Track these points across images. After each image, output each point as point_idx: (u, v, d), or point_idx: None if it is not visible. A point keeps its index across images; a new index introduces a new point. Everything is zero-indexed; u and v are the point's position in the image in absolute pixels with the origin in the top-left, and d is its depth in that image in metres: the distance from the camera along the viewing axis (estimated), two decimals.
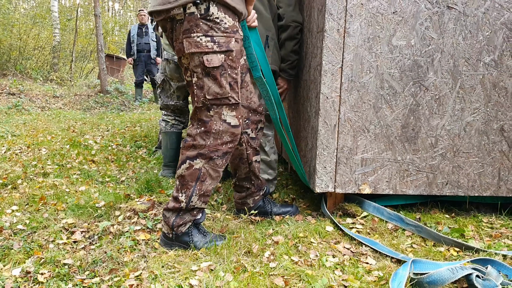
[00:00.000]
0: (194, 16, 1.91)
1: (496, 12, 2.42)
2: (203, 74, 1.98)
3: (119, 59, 13.46)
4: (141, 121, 7.14)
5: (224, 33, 1.94)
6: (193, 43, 1.93)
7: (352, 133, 2.48)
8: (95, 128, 6.22)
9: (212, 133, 2.02)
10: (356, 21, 2.37)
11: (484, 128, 2.52)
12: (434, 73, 2.45)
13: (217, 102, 2.01)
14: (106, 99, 10.10)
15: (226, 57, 1.96)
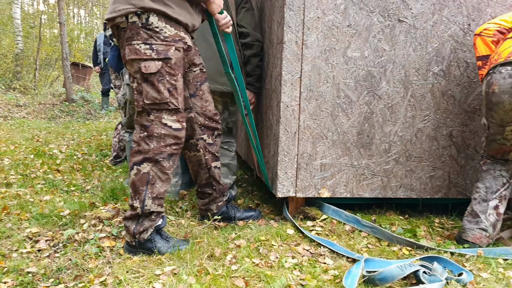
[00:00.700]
0: (136, 25, 2.02)
1: (444, 25, 2.59)
2: (142, 80, 2.07)
3: (85, 67, 13.29)
4: (107, 129, 7.10)
5: (164, 42, 2.03)
6: (133, 50, 2.04)
7: (311, 139, 2.58)
8: (60, 138, 6.16)
9: (155, 137, 2.09)
10: (313, 34, 2.49)
11: (434, 134, 2.67)
12: (386, 83, 2.59)
13: (156, 107, 2.09)
14: (72, 107, 9.97)
15: (164, 64, 2.04)
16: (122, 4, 2.03)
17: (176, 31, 2.08)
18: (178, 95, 2.12)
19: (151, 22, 2.01)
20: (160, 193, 2.14)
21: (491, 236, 2.30)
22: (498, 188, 2.33)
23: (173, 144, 2.14)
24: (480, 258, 2.14)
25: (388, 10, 2.51)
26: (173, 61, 2.07)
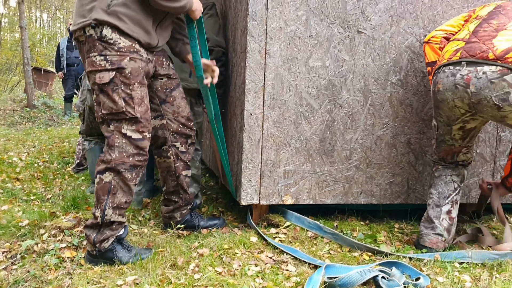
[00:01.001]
0: (92, 38, 2.05)
1: (401, 37, 2.67)
2: (98, 91, 2.09)
3: (47, 72, 12.98)
4: (70, 136, 6.94)
5: (118, 52, 2.05)
6: (90, 62, 2.08)
7: (275, 147, 2.62)
8: (21, 145, 5.98)
9: (116, 147, 2.10)
10: (276, 44, 2.53)
11: (393, 141, 2.75)
12: (347, 92, 2.65)
13: (114, 117, 2.10)
14: (33, 114, 9.71)
15: (118, 74, 2.06)
16: (80, 18, 2.08)
17: (131, 43, 2.10)
18: (135, 104, 2.11)
19: (104, 34, 2.04)
20: (121, 204, 2.13)
21: (447, 240, 2.38)
22: (450, 193, 2.42)
23: (136, 155, 2.13)
24: (437, 262, 2.22)
25: (347, 22, 2.58)
26: (127, 71, 2.07)
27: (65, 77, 9.23)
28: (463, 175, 2.46)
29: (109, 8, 2.02)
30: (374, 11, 2.60)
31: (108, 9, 2.02)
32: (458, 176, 2.44)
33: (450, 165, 2.46)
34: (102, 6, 2.02)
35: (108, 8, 2.02)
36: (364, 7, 2.58)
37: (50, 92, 12.70)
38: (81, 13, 2.08)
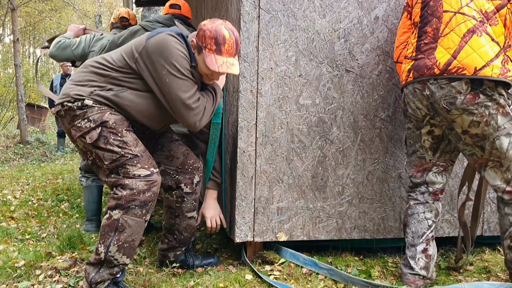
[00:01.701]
0: (72, 109, 2.20)
1: (388, 75, 2.78)
2: (94, 148, 2.20)
3: (40, 108, 13.07)
4: (63, 172, 6.96)
5: (99, 111, 2.20)
6: (76, 129, 2.21)
7: (268, 183, 2.67)
8: (15, 182, 5.99)
9: (127, 185, 2.14)
10: (267, 83, 2.62)
11: (384, 176, 2.82)
12: (337, 128, 2.73)
13: (117, 163, 2.17)
14: (27, 150, 9.72)
15: (104, 127, 2.18)
16: (62, 95, 2.24)
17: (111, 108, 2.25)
18: (131, 146, 2.19)
19: (85, 104, 2.19)
20: (127, 242, 2.13)
21: (426, 277, 2.41)
22: (424, 231, 2.44)
23: (146, 191, 2.15)
24: None
25: (336, 61, 2.68)
26: (111, 122, 2.19)
27: None
28: (436, 210, 2.47)
29: (91, 94, 2.20)
30: (361, 50, 2.71)
31: (89, 94, 2.20)
32: (431, 212, 2.46)
33: (419, 198, 2.48)
34: (85, 90, 2.21)
35: (89, 94, 2.20)
36: (351, 47, 2.69)
37: (43, 127, 12.75)
38: (64, 91, 2.24)
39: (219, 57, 2.14)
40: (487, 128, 2.19)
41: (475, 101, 2.17)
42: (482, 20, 2.20)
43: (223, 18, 3.05)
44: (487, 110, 2.17)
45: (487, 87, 2.15)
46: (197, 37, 2.18)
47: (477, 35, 2.17)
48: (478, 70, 2.13)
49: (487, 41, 2.16)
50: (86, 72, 2.27)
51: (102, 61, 2.26)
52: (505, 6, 2.20)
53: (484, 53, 2.14)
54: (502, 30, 2.20)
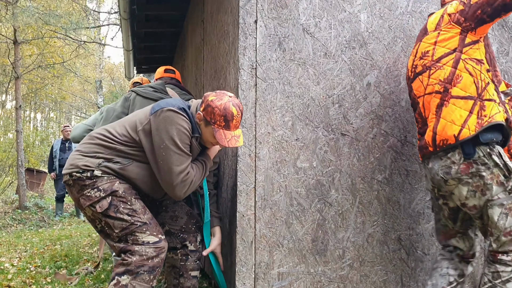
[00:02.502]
0: (81, 179, 2.28)
1: (383, 138, 2.85)
2: (104, 217, 2.26)
3: (39, 173, 13.11)
4: (61, 238, 6.88)
5: (108, 181, 2.27)
6: (86, 198, 2.28)
7: (268, 248, 2.66)
8: (12, 249, 5.91)
9: (136, 251, 2.20)
10: (265, 147, 2.68)
11: (384, 239, 2.81)
12: (335, 191, 2.76)
13: (127, 231, 2.24)
14: (25, 215, 9.66)
15: (114, 196, 2.25)
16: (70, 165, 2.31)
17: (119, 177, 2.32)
18: (140, 214, 2.27)
19: (95, 174, 2.26)
20: None
21: None
22: (443, 286, 2.40)
23: (155, 257, 2.22)
24: None
25: (331, 125, 2.76)
26: (120, 191, 2.26)
27: (57, 177, 9.35)
28: (461, 270, 2.44)
29: (99, 166, 2.27)
30: (355, 115, 2.80)
31: (97, 166, 2.27)
32: (455, 270, 2.43)
33: (446, 255, 2.49)
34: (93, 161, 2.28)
35: (98, 166, 2.27)
36: (345, 112, 2.78)
37: (42, 192, 12.72)
38: (72, 162, 2.31)
39: (228, 132, 2.29)
40: (483, 197, 2.23)
41: (469, 171, 2.23)
42: (445, 88, 2.32)
43: (221, 85, 3.17)
44: (482, 180, 2.21)
45: (479, 155, 2.21)
46: (205, 112, 2.30)
47: (445, 106, 2.30)
48: (457, 136, 2.23)
49: (456, 106, 2.27)
50: (92, 144, 2.33)
51: (107, 133, 2.34)
52: (459, 60, 2.30)
53: (456, 118, 2.25)
54: (470, 80, 2.28)
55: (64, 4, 12.49)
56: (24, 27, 11.09)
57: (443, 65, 2.32)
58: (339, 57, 2.76)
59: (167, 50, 7.16)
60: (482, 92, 2.26)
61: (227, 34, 3.02)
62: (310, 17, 2.73)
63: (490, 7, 2.21)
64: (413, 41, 2.85)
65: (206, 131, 2.33)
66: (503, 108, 2.29)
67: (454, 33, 2.31)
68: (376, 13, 2.81)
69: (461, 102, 2.26)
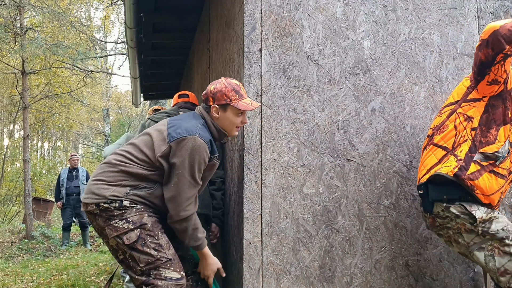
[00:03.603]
0: (108, 209, 2.27)
1: (389, 163, 2.84)
2: (130, 250, 2.26)
3: (46, 202, 13.10)
4: (68, 267, 6.81)
5: (137, 213, 2.28)
6: (113, 228, 2.27)
7: (275, 276, 2.63)
8: (19, 280, 5.85)
9: (159, 286, 2.23)
10: (271, 174, 2.68)
11: (391, 264, 2.77)
12: (342, 217, 2.74)
13: (151, 266, 2.25)
14: (31, 245, 9.58)
15: (142, 229, 2.27)
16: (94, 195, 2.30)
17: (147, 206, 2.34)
18: (165, 249, 2.29)
19: (124, 205, 2.27)
20: None
21: None
22: None
23: None
24: None
25: (337, 151, 2.76)
26: (149, 225, 2.28)
27: (63, 206, 9.33)
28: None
29: (127, 195, 2.29)
30: (360, 140, 2.80)
31: (125, 195, 2.28)
32: None
33: None
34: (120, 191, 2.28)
35: (126, 195, 2.28)
36: (351, 137, 2.78)
37: (48, 221, 12.68)
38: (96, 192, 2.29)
39: (245, 100, 2.40)
40: (460, 245, 2.31)
41: (435, 224, 2.36)
42: (432, 134, 2.45)
43: None
44: (450, 230, 2.32)
45: (438, 211, 2.32)
46: (217, 101, 2.39)
47: (426, 150, 2.45)
48: (420, 179, 2.40)
49: (432, 152, 2.40)
50: (115, 172, 2.33)
51: (127, 160, 2.33)
52: (454, 112, 2.40)
53: (426, 163, 2.39)
54: (453, 133, 2.37)
55: (72, 35, 12.70)
56: (32, 58, 11.27)
57: (442, 113, 2.46)
58: (343, 84, 2.79)
59: (173, 77, 7.26)
60: (457, 147, 2.35)
61: (233, 62, 3.06)
62: (314, 45, 2.76)
63: (475, 66, 2.31)
64: (416, 67, 2.87)
65: (227, 115, 2.40)
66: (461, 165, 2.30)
67: (466, 86, 2.42)
68: (379, 40, 2.85)
69: (437, 150, 2.38)
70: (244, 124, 2.48)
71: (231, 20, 3.10)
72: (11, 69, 12.60)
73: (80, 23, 13.56)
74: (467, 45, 2.95)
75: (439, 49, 2.92)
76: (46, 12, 10.32)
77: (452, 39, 2.94)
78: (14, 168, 18.12)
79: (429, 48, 2.90)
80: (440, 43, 2.92)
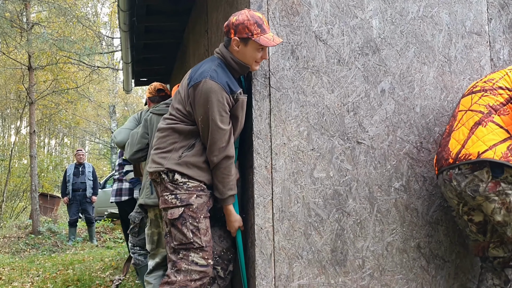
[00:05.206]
0: (165, 181, 2.32)
1: (399, 145, 2.70)
2: (170, 225, 2.30)
3: (53, 198, 12.94)
4: (74, 262, 6.65)
5: (186, 191, 2.28)
6: (163, 200, 2.33)
7: (287, 260, 2.49)
8: (25, 274, 5.69)
9: (182, 271, 2.23)
10: (281, 158, 2.53)
11: (403, 247, 2.64)
12: (353, 200, 2.60)
13: (183, 247, 2.26)
14: (38, 240, 9.43)
15: (187, 209, 2.26)
16: (155, 164, 2.36)
17: (198, 183, 2.33)
18: (202, 235, 2.28)
19: (176, 178, 2.30)
20: None
21: None
22: None
23: (198, 280, 2.24)
24: None
25: (347, 134, 2.62)
26: (194, 206, 2.28)
27: (70, 202, 9.16)
28: (505, 276, 2.39)
29: (180, 159, 2.30)
30: (370, 122, 2.66)
31: (179, 160, 2.30)
32: (500, 279, 2.40)
33: (488, 266, 2.44)
34: (175, 157, 2.31)
35: (179, 159, 2.30)
36: (361, 119, 2.64)
37: (55, 217, 12.52)
38: (155, 160, 2.36)
39: (267, 35, 2.29)
40: (508, 214, 2.23)
41: (496, 189, 2.23)
42: (489, 112, 2.34)
43: None
44: (508, 198, 2.23)
45: (508, 175, 2.21)
46: (238, 33, 2.29)
47: (482, 126, 2.32)
48: (480, 154, 2.25)
49: (492, 129, 2.29)
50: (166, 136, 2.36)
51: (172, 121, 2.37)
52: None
53: (488, 139, 2.27)
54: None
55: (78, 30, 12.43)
56: (39, 53, 11.05)
57: (499, 94, 2.35)
58: (352, 64, 2.64)
59: (167, 62, 6.86)
60: None
61: None
62: (322, 24, 2.61)
63: None
64: (424, 46, 2.73)
65: (248, 49, 2.32)
66: None
67: None
68: (387, 19, 2.70)
69: (498, 129, 2.29)
70: (264, 59, 2.40)
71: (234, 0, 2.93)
72: (17, 65, 12.35)
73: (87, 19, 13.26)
74: (476, 23, 2.81)
75: (447, 28, 2.77)
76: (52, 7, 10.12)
77: (461, 17, 2.79)
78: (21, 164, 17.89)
79: (438, 26, 2.76)
80: (448, 22, 2.77)
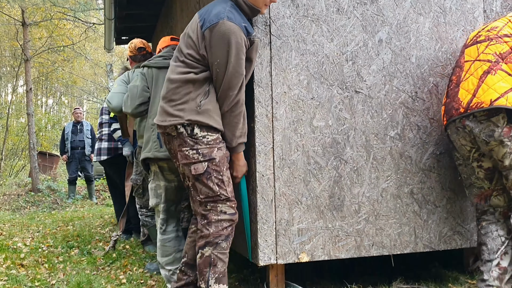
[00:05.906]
0: (183, 134, 2.23)
1: (395, 94, 2.70)
2: (194, 180, 2.25)
3: (52, 156, 12.88)
4: (73, 219, 6.68)
5: (207, 145, 2.22)
6: (183, 156, 2.25)
7: (287, 206, 2.53)
8: (25, 230, 5.70)
9: (213, 223, 2.22)
10: (282, 107, 2.52)
11: (397, 193, 2.69)
12: (350, 148, 2.62)
13: (210, 199, 2.24)
14: (38, 198, 9.44)
15: (210, 163, 2.21)
16: (169, 116, 2.25)
17: (217, 135, 2.25)
18: (226, 187, 2.26)
19: (195, 132, 2.21)
20: (221, 273, 2.22)
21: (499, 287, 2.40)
22: (499, 248, 2.45)
23: (228, 227, 2.25)
24: None
25: (345, 83, 2.61)
26: (217, 160, 2.23)
27: (69, 160, 9.12)
28: (508, 227, 2.47)
29: (200, 108, 2.20)
30: (368, 72, 2.64)
31: (199, 109, 2.19)
32: (504, 230, 2.48)
33: (491, 218, 2.50)
34: (193, 107, 2.20)
35: (198, 108, 2.19)
36: (359, 69, 2.62)
37: (54, 175, 12.51)
38: (171, 112, 2.23)
39: None
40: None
41: (510, 134, 2.26)
42: (497, 60, 2.33)
43: None
44: None
45: None
46: None
47: (491, 74, 2.31)
48: (493, 101, 2.25)
49: (502, 77, 2.28)
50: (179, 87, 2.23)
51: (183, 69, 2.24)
52: None
53: (498, 87, 2.26)
54: None
55: None
56: (32, 9, 10.64)
57: (505, 42, 2.34)
58: (351, 13, 2.59)
59: (151, 19, 6.39)
60: None
61: None
62: None
63: None
64: None
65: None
66: None
67: None
68: None
69: (507, 77, 2.29)
70: (273, 2, 2.34)
71: None
72: (11, 20, 11.89)
73: None
74: None
75: None
76: None
77: None
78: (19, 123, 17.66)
79: None
80: None
